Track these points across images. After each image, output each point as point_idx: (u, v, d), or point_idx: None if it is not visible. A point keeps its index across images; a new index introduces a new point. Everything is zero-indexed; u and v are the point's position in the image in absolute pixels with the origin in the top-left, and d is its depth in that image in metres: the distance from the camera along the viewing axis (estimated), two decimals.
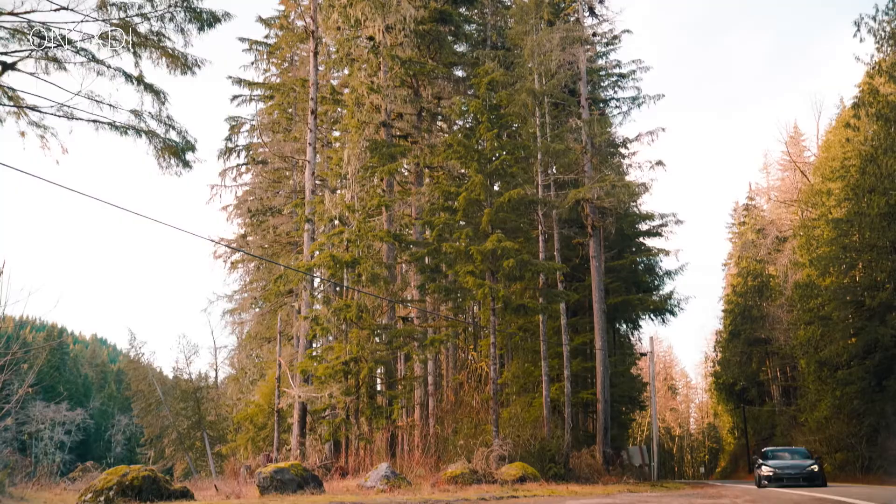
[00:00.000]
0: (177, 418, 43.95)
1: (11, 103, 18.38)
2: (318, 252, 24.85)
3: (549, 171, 28.92)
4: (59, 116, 18.43)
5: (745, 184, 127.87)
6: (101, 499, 12.84)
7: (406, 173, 31.91)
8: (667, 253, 35.24)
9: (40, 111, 18.47)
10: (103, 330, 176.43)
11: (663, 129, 33.05)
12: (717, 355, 67.28)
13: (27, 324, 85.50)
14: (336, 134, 32.30)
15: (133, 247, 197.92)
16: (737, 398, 60.62)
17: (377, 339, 24.29)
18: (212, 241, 36.03)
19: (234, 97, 37.56)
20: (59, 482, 21.79)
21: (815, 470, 20.55)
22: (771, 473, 20.52)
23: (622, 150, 33.84)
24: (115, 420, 68.82)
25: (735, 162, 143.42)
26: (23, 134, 18.68)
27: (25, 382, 24.26)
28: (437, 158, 27.64)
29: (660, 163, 31.67)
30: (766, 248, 53.78)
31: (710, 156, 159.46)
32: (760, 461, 21.71)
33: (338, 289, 25.42)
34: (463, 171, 28.60)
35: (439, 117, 31.44)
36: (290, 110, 35.32)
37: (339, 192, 25.68)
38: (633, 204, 34.57)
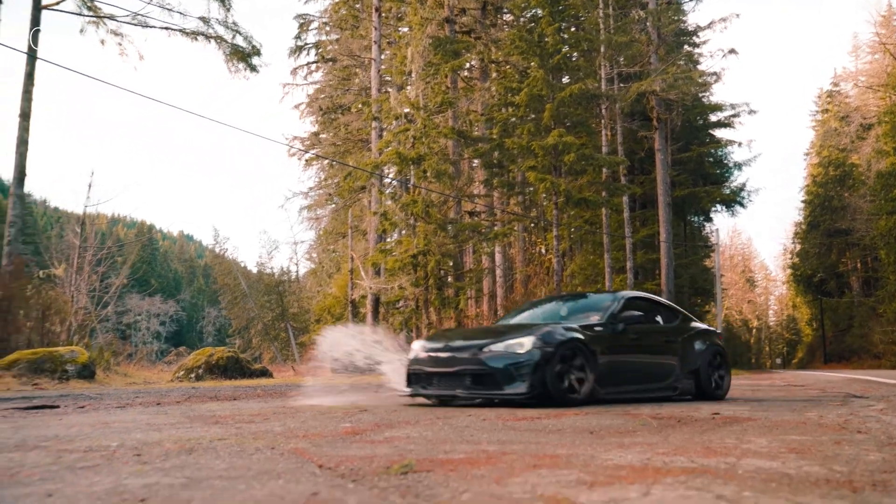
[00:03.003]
0: (261, 310, 46.37)
1: (91, 13, 19.37)
2: (385, 149, 25.55)
3: (616, 63, 28.58)
4: (134, 25, 19.39)
5: (830, 70, 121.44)
6: (192, 375, 14.40)
7: (472, 69, 31.93)
8: (738, 144, 34.73)
9: (117, 20, 19.44)
10: (189, 227, 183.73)
11: (737, 15, 32.06)
12: (795, 247, 66.25)
13: (118, 221, 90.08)
14: (403, 31, 32.38)
15: (212, 145, 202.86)
16: (815, 290, 60.03)
17: (444, 233, 25.12)
18: (284, 143, 37.10)
19: None
20: (157, 364, 23.96)
21: (521, 353, 6.81)
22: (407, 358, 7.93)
23: (693, 39, 33.00)
24: (204, 312, 72.91)
25: (818, 48, 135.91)
26: (102, 42, 19.79)
27: (121, 275, 26.40)
28: (501, 53, 27.61)
29: (732, 51, 30.89)
30: (850, 136, 51.93)
31: (790, 43, 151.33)
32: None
33: (411, 184, 26.18)
34: (531, 64, 28.56)
35: (504, 11, 31.09)
36: (357, 6, 35.35)
37: (404, 89, 26.09)
38: (703, 94, 33.91)
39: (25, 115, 16.68)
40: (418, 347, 7.69)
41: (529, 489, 2.35)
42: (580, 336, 7.08)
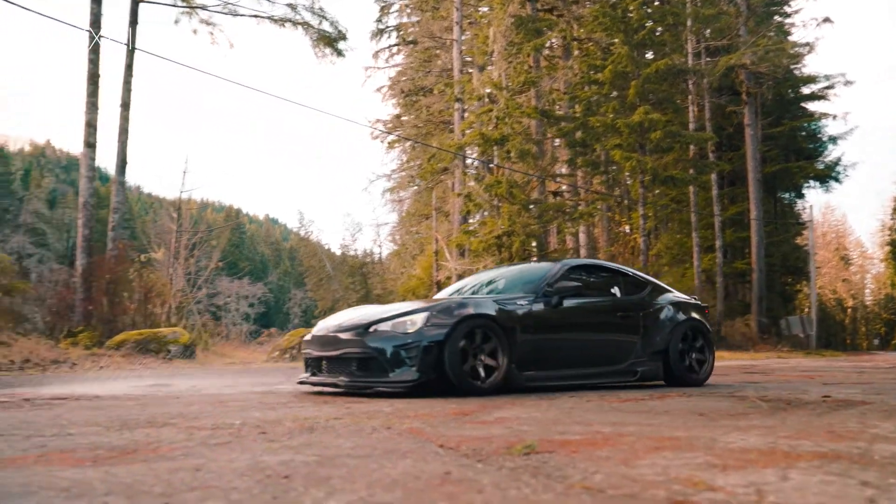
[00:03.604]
0: (346, 292, 47.02)
1: (184, 4, 19.97)
2: (468, 130, 25.56)
3: (702, 37, 27.81)
4: (225, 14, 19.90)
5: None
6: (287, 355, 14.86)
7: (554, 47, 31.56)
8: (833, 117, 33.29)
9: (208, 10, 20.00)
10: (274, 211, 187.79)
11: None
12: (894, 223, 63.44)
13: (208, 206, 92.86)
14: (483, 10, 32.20)
15: (295, 130, 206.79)
16: None
17: (528, 214, 25.00)
18: (366, 125, 37.52)
19: None
20: (249, 344, 24.73)
21: (411, 332, 5.75)
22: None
23: (784, 9, 31.81)
24: (291, 294, 74.49)
25: None
26: (195, 32, 20.39)
27: (213, 258, 27.28)
28: (584, 31, 27.20)
29: (827, 20, 29.67)
30: None
31: (888, 7, 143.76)
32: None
33: (494, 165, 26.14)
34: (615, 40, 28.07)
35: None
36: None
37: (486, 70, 26.01)
38: (794, 66, 32.67)
39: (126, 105, 17.36)
40: (317, 327, 6.65)
41: (660, 471, 2.35)
42: (490, 312, 5.95)
